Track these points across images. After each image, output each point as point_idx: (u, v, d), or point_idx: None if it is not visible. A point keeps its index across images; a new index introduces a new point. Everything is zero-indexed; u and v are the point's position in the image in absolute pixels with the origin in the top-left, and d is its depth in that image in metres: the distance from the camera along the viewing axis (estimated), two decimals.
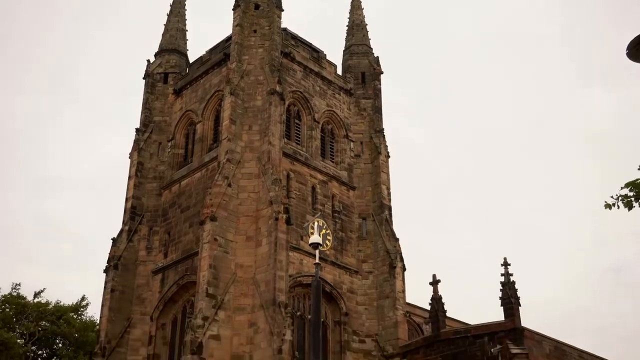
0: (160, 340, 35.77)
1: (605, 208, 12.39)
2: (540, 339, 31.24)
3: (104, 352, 35.34)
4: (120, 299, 36.70)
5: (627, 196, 11.97)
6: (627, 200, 11.99)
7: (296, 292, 33.92)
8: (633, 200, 11.96)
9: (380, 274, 36.54)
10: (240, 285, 32.43)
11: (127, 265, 37.48)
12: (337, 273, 35.84)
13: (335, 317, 35.38)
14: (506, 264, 31.28)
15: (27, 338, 46.53)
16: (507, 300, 30.54)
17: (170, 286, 35.95)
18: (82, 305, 50.96)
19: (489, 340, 30.45)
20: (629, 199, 11.96)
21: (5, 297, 48.11)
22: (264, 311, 31.01)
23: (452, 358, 31.39)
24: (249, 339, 31.33)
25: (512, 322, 30.08)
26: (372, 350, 34.91)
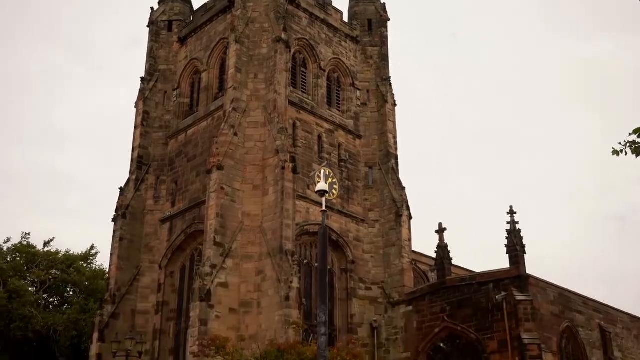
0: (169, 287, 36.27)
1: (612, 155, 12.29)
2: (545, 286, 31.54)
3: (114, 300, 35.91)
4: (129, 248, 37.09)
5: (635, 142, 11.85)
6: (635, 146, 11.87)
7: (303, 241, 34.18)
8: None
9: (386, 223, 36.72)
10: (248, 233, 32.69)
11: (135, 214, 37.75)
12: (344, 222, 36.03)
13: (342, 265, 35.72)
14: (512, 212, 31.39)
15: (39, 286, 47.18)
16: (512, 248, 30.75)
17: (178, 235, 36.27)
18: (91, 254, 51.47)
19: (494, 287, 30.78)
20: (637, 145, 11.85)
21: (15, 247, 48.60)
22: (271, 259, 31.33)
23: (457, 305, 31.78)
24: (256, 286, 31.74)
25: (517, 269, 30.33)
26: (378, 297, 35.34)
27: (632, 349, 35.69)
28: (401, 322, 33.90)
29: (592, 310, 33.91)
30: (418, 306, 33.51)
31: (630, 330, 36.37)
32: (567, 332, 31.75)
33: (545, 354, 28.96)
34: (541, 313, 30.26)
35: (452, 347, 31.61)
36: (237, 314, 31.25)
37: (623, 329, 35.73)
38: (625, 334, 35.72)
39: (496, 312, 30.21)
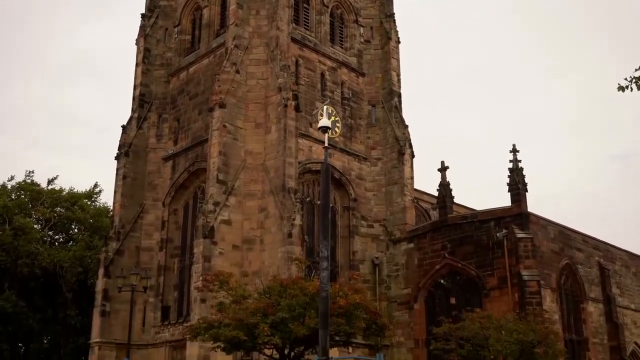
0: (173, 225, 36.62)
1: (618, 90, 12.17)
2: (545, 223, 31.80)
3: (119, 237, 36.31)
4: (132, 186, 37.29)
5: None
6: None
7: (305, 179, 34.30)
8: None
9: (389, 161, 36.76)
10: (250, 171, 32.79)
11: (137, 152, 37.80)
12: (346, 160, 36.07)
13: (344, 202, 35.93)
14: (515, 150, 31.37)
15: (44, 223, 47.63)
16: (514, 186, 30.86)
17: (181, 173, 36.39)
18: (95, 192, 51.75)
19: (495, 225, 31.05)
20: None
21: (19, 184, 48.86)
22: (274, 197, 31.51)
23: (459, 242, 32.12)
24: (259, 223, 32.03)
25: (518, 207, 30.52)
26: (380, 234, 35.67)
27: (630, 286, 36.22)
28: (402, 259, 34.32)
29: (592, 248, 34.29)
30: (419, 243, 33.87)
31: (629, 268, 36.84)
32: (566, 269, 32.18)
33: (544, 290, 29.42)
34: (541, 250, 30.61)
35: (453, 283, 32.10)
36: (240, 250, 31.64)
37: (622, 266, 36.19)
38: (623, 271, 36.20)
39: (497, 249, 30.56)
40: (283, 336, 20.00)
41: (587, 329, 32.22)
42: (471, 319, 23.34)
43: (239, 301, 21.49)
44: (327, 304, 12.40)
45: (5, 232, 43.51)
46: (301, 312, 20.07)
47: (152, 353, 34.39)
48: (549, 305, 29.48)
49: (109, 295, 35.04)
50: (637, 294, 36.66)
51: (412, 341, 32.53)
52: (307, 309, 20.03)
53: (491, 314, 24.82)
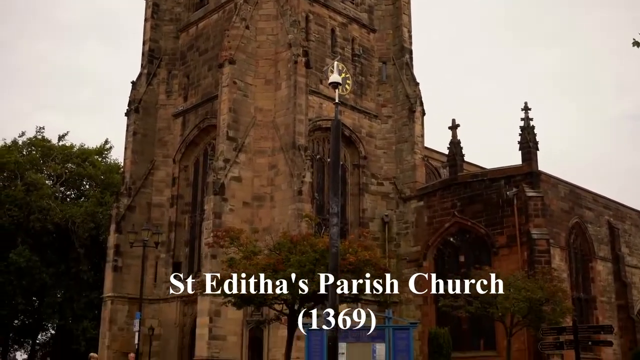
0: (184, 181, 36.78)
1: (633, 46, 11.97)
2: (555, 182, 31.70)
3: (130, 193, 36.54)
4: (143, 142, 37.35)
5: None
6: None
7: (315, 136, 34.23)
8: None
9: (399, 118, 36.57)
10: (260, 128, 32.73)
11: (147, 108, 37.76)
12: (357, 117, 35.90)
13: (354, 160, 35.89)
14: (526, 108, 31.11)
15: (55, 179, 47.91)
16: (525, 145, 30.70)
17: (191, 129, 36.38)
18: (105, 149, 51.89)
19: (505, 183, 30.99)
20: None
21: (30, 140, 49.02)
22: (284, 154, 31.50)
23: (469, 200, 32.12)
24: (269, 180, 32.10)
25: (529, 165, 30.40)
26: (390, 192, 35.70)
27: (639, 245, 36.22)
28: (412, 216, 34.40)
29: (602, 207, 34.22)
30: (429, 201, 33.90)
31: (639, 227, 36.78)
32: (576, 227, 32.19)
33: (553, 248, 29.49)
34: (551, 209, 30.59)
35: (462, 241, 32.23)
36: (251, 207, 31.79)
37: (631, 226, 36.16)
38: (633, 230, 36.17)
39: (506, 207, 30.57)
40: (293, 292, 20.15)
41: (595, 287, 32.38)
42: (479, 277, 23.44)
43: (250, 257, 21.58)
44: (337, 260, 12.47)
45: (17, 187, 43.85)
46: (311, 268, 20.16)
47: (164, 308, 34.90)
48: (557, 264, 29.59)
49: (121, 250, 35.43)
50: None
51: (421, 298, 32.80)
52: (317, 265, 20.09)
53: (499, 271, 24.93)
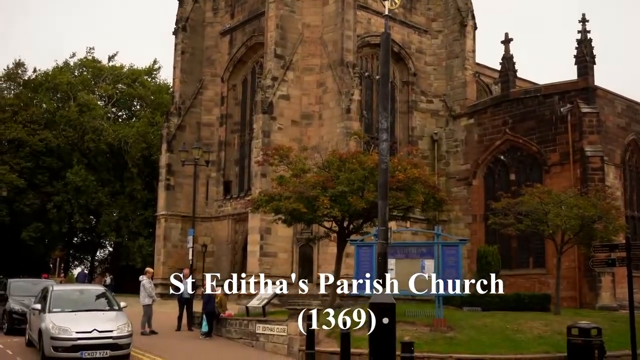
0: (232, 100, 36.89)
1: None
2: (612, 98, 30.69)
3: (179, 112, 36.92)
4: (191, 61, 37.40)
5: None
6: None
7: (364, 53, 33.67)
8: None
9: (450, 33, 35.56)
10: (308, 45, 32.33)
11: (195, 27, 37.62)
12: (406, 32, 35.06)
13: (403, 77, 35.31)
14: (584, 20, 29.85)
15: (107, 100, 48.70)
16: (581, 59, 29.63)
17: (238, 47, 36.19)
18: (154, 69, 52.25)
19: (559, 99, 30.15)
20: None
21: (81, 61, 49.63)
22: (332, 71, 31.17)
23: (521, 118, 31.44)
24: (317, 98, 31.93)
25: (584, 80, 29.43)
26: (440, 110, 35.17)
27: None
28: (462, 134, 33.94)
29: None
30: (480, 119, 33.32)
31: None
32: (632, 145, 31.31)
33: (607, 166, 28.87)
34: (606, 125, 29.76)
35: (513, 159, 31.76)
36: (299, 125, 31.81)
37: None
38: None
39: (560, 124, 29.84)
40: (342, 209, 20.32)
41: None
42: (530, 194, 23.10)
43: (299, 175, 21.76)
44: (387, 175, 12.38)
45: (70, 108, 44.78)
46: (360, 186, 20.24)
47: (216, 225, 35.75)
48: (611, 182, 28.99)
49: (173, 169, 36.13)
50: None
51: (470, 216, 32.75)
52: (366, 183, 20.18)
53: (551, 189, 24.52)
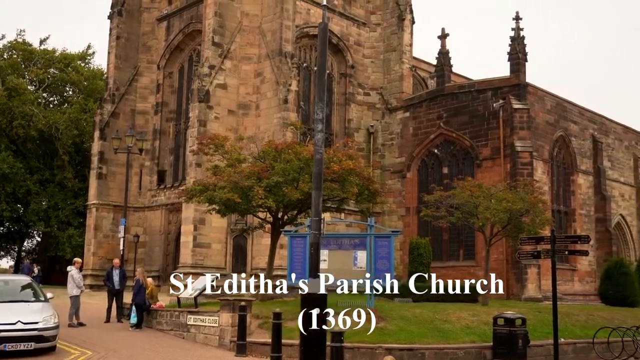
0: (168, 88, 36.30)
1: None
2: (543, 94, 31.57)
3: (113, 99, 36.11)
4: (126, 47, 36.62)
5: None
6: None
7: (303, 43, 33.62)
8: None
9: (388, 27, 35.86)
10: (247, 34, 32.09)
11: (131, 12, 36.83)
12: (345, 24, 35.18)
13: (341, 69, 35.44)
14: (517, 18, 30.56)
15: (37, 85, 47.13)
16: (514, 56, 30.33)
17: (176, 34, 35.62)
18: (88, 54, 50.85)
19: (492, 95, 30.82)
20: None
21: (11, 44, 47.85)
22: (270, 61, 31.03)
23: (455, 112, 32.01)
24: (255, 88, 31.75)
25: (517, 77, 30.16)
26: (377, 103, 35.46)
27: (621, 159, 36.56)
28: (397, 127, 34.33)
29: (587, 121, 34.26)
30: (415, 112, 33.77)
31: (622, 141, 37.01)
32: (560, 141, 32.32)
33: (536, 161, 29.69)
34: (536, 122, 30.59)
35: (446, 152, 32.32)
36: (236, 115, 31.57)
37: (615, 140, 36.35)
38: (616, 145, 36.40)
39: (492, 119, 30.52)
40: (277, 200, 20.31)
41: (575, 200, 32.84)
42: (462, 187, 23.61)
43: (234, 165, 21.63)
44: (321, 166, 12.41)
45: None
46: (295, 177, 20.27)
47: (149, 215, 35.19)
48: (539, 176, 29.87)
49: (105, 157, 35.36)
50: (627, 167, 37.07)
51: (404, 209, 33.20)
52: (301, 174, 20.21)
53: (482, 182, 25.09)
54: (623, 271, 27.11)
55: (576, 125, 33.32)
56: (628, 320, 21.59)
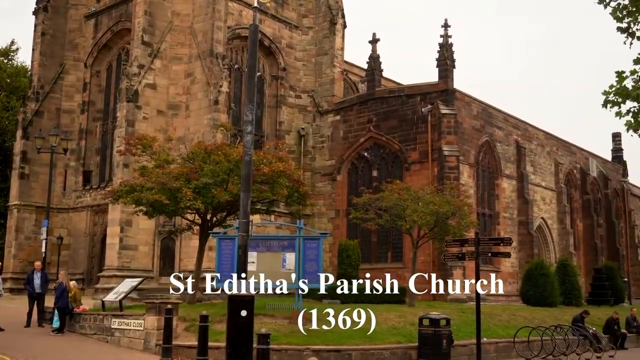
0: (95, 87, 35.48)
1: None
2: (470, 101, 32.37)
3: (38, 97, 35.03)
4: (52, 44, 35.60)
5: None
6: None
7: (234, 45, 33.45)
8: None
9: (320, 30, 36.08)
10: (177, 34, 31.69)
11: (57, 8, 35.83)
12: (277, 27, 35.20)
13: (273, 71, 35.43)
14: (446, 25, 31.24)
15: None
16: (442, 62, 31.00)
17: (104, 32, 34.86)
18: (12, 50, 49.10)
19: (421, 100, 31.40)
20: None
21: None
22: (201, 62, 30.73)
23: (385, 116, 32.45)
24: (185, 89, 31.38)
25: (445, 83, 30.83)
26: (308, 105, 35.60)
27: (543, 165, 37.82)
28: (328, 130, 34.55)
29: (511, 127, 35.32)
30: (346, 116, 34.07)
31: (544, 147, 38.30)
32: (485, 146, 33.20)
33: (462, 165, 30.41)
34: (463, 127, 31.34)
35: (376, 156, 32.72)
36: (165, 116, 31.12)
37: (537, 145, 37.58)
38: (539, 150, 37.64)
39: (421, 124, 31.10)
40: (205, 201, 20.13)
41: (500, 203, 33.79)
42: (390, 190, 23.97)
43: (162, 166, 21.32)
44: (250, 167, 12.38)
45: None
46: (224, 178, 20.15)
47: (73, 217, 34.26)
48: (465, 180, 30.61)
49: (28, 157, 34.25)
50: (549, 172, 38.37)
51: (334, 211, 33.42)
52: (231, 175, 20.11)
53: (410, 185, 25.56)
54: (543, 272, 28.11)
55: (501, 131, 34.31)
56: (547, 319, 22.39)
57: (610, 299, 32.94)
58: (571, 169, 40.81)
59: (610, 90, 12.37)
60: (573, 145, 41.67)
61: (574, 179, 41.17)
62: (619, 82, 12.39)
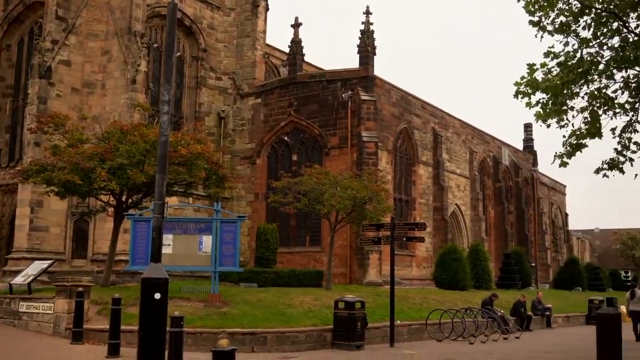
0: (6, 62, 33.99)
1: None
2: (389, 88, 32.84)
3: None
4: None
5: None
6: None
7: (154, 23, 32.65)
8: None
9: (242, 12, 35.67)
10: (94, 9, 30.66)
11: None
12: (198, 7, 34.57)
13: (193, 52, 34.82)
14: (367, 12, 31.51)
15: None
16: (363, 49, 31.29)
17: (15, 5, 33.39)
18: None
19: (341, 86, 31.62)
20: None
21: None
22: (119, 39, 29.87)
23: (305, 101, 32.52)
24: (101, 67, 30.44)
25: (365, 69, 31.15)
26: (228, 88, 35.22)
27: (458, 152, 38.87)
28: (249, 113, 34.34)
29: (429, 115, 36.09)
30: (267, 99, 33.93)
31: (460, 135, 39.34)
32: (403, 133, 33.82)
33: (381, 151, 30.88)
34: (382, 113, 31.79)
35: (296, 140, 32.79)
36: (80, 94, 30.14)
37: (453, 134, 38.57)
38: (454, 138, 38.64)
39: (341, 110, 31.34)
40: (121, 182, 19.69)
41: (416, 189, 34.55)
42: (309, 175, 24.10)
43: (76, 145, 20.70)
44: (166, 148, 12.12)
45: None
46: (140, 159, 19.75)
47: None
48: (383, 166, 31.11)
49: None
50: (464, 160, 39.48)
51: (253, 195, 33.32)
52: (147, 156, 19.72)
53: (329, 170, 25.77)
54: (456, 257, 28.98)
55: (419, 118, 35.01)
56: (458, 302, 23.11)
57: (518, 283, 34.33)
58: (485, 157, 42.13)
59: (522, 81, 12.87)
60: (487, 134, 43.00)
61: (487, 167, 42.54)
62: (530, 74, 12.90)
